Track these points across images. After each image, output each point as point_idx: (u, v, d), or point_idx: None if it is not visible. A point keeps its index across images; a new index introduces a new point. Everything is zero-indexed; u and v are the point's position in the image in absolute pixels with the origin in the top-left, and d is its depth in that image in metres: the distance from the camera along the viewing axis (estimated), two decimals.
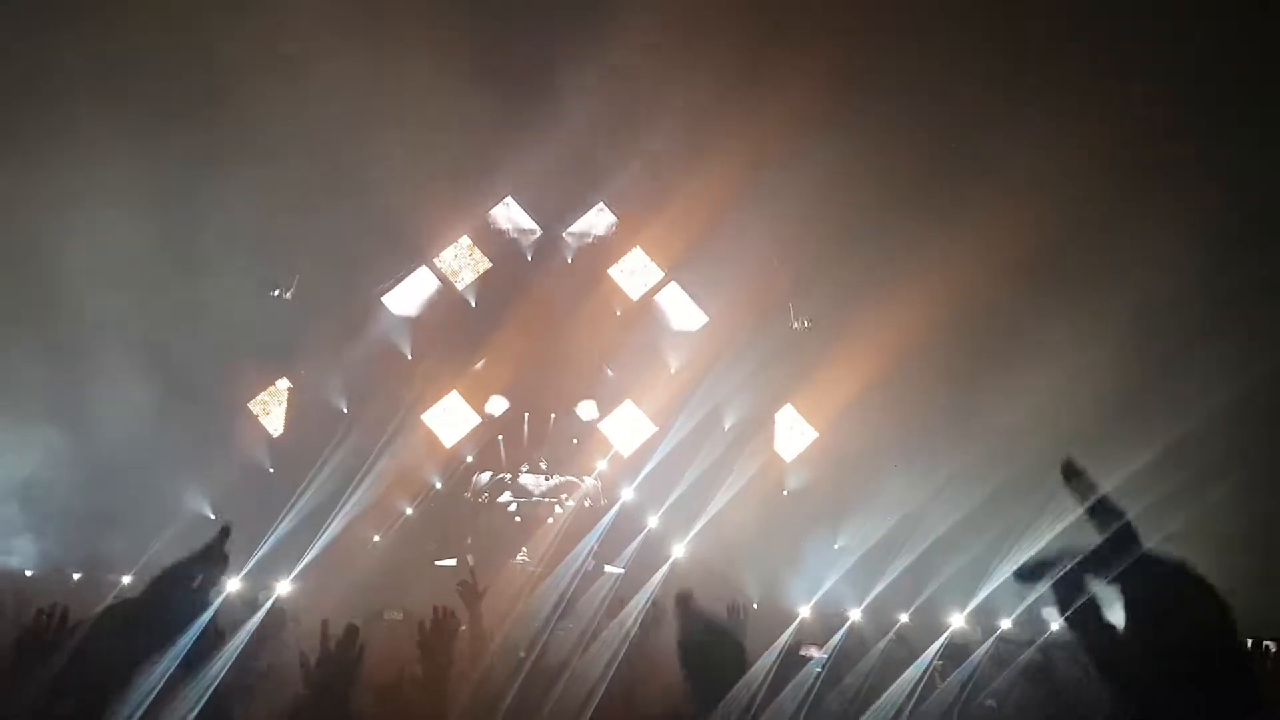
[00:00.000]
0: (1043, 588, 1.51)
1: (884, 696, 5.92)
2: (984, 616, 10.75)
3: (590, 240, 20.15)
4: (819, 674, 5.62)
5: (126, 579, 13.47)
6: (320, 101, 14.45)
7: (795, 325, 18.91)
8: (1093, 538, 1.55)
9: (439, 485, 19.06)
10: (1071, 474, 1.55)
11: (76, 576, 14.42)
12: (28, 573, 13.95)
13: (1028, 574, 1.53)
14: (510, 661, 5.68)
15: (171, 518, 14.84)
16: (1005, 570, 11.61)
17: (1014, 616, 10.28)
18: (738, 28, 15.17)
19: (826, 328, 18.83)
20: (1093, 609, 1.52)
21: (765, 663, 5.11)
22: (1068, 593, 1.51)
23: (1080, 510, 1.54)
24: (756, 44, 15.41)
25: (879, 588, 11.82)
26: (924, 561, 13.32)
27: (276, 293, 17.90)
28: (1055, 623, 8.16)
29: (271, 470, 17.70)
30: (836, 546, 16.84)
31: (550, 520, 18.55)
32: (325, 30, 13.83)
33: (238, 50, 13.84)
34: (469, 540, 18.72)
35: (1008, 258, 14.86)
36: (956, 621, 9.85)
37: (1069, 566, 1.50)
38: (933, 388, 16.46)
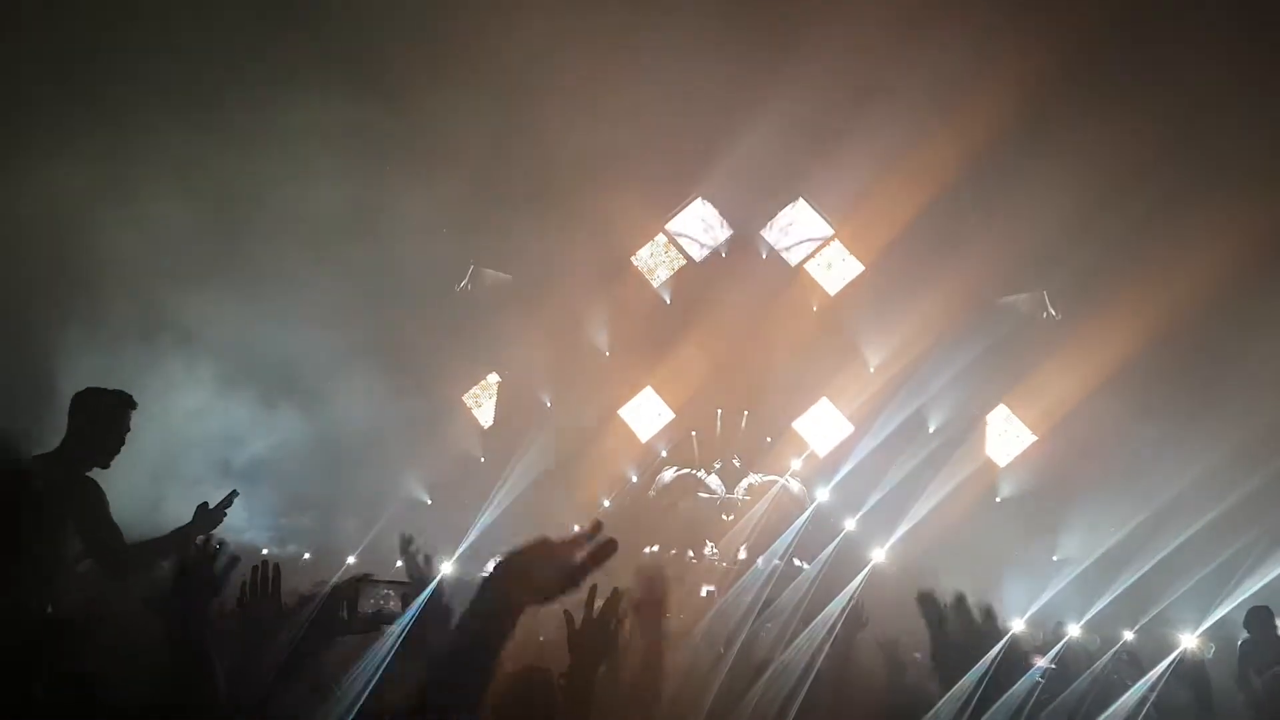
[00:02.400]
0: None
1: (1108, 712, 5.51)
2: (1223, 632, 9.68)
3: (787, 234, 19.84)
4: (1039, 683, 5.28)
5: (351, 559, 14.54)
6: (521, 99, 14.93)
7: (1045, 315, 17.88)
8: None
9: (635, 479, 19.42)
10: None
11: (306, 556, 15.68)
12: (264, 551, 15.13)
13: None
14: (710, 657, 5.67)
15: (392, 503, 15.96)
16: (1248, 586, 10.48)
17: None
18: (953, 16, 14.36)
19: (1043, 325, 17.64)
20: None
21: (974, 676, 4.89)
22: None
23: None
24: (974, 32, 14.54)
25: (1102, 603, 10.91)
26: (1155, 576, 12.17)
27: (462, 282, 18.97)
28: None
29: (482, 460, 18.61)
30: (1055, 558, 15.71)
31: (744, 518, 18.46)
32: (525, 29, 14.22)
33: (435, 42, 14.32)
34: (660, 536, 18.93)
35: (1257, 250, 13.32)
36: (1188, 640, 8.93)
37: None
38: (1167, 388, 14.99)
